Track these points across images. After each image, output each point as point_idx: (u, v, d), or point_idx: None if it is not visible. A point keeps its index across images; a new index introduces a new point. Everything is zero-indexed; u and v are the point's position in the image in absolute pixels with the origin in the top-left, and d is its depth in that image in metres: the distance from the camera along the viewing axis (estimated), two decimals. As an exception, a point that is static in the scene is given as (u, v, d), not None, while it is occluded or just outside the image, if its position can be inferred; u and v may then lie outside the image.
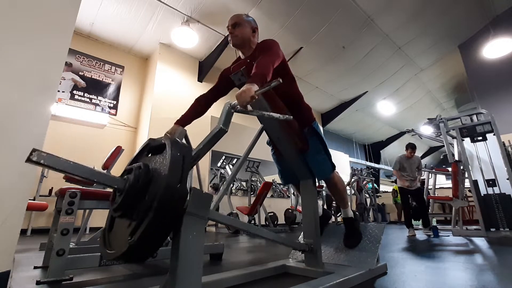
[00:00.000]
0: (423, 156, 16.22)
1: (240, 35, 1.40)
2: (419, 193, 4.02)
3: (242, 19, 1.42)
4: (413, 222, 4.04)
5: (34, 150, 0.65)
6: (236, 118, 1.09)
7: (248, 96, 0.97)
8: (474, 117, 4.19)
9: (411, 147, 4.05)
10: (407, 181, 3.98)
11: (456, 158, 4.29)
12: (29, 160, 0.64)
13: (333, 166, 1.53)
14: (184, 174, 0.79)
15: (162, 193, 0.72)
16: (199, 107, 1.46)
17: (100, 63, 6.12)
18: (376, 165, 12.75)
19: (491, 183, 3.78)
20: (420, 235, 3.74)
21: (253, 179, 6.29)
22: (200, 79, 6.86)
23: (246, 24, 1.42)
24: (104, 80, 6.10)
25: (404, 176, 4.01)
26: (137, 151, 1.02)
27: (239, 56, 1.51)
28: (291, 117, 1.03)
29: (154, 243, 0.75)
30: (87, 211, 2.97)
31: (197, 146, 1.05)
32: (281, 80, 0.99)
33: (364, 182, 7.29)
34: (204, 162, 5.99)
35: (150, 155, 0.98)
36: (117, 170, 4.32)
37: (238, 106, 1.00)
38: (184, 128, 1.40)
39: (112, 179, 0.82)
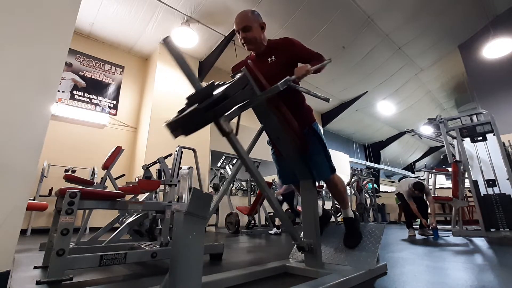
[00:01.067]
0: (423, 156, 16.24)
1: (254, 39, 1.43)
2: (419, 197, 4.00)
3: (250, 20, 1.42)
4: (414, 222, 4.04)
5: None
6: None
7: (304, 69, 1.25)
8: (474, 117, 4.19)
9: (419, 189, 3.86)
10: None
11: (456, 158, 4.29)
12: None
13: (333, 168, 1.52)
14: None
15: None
16: None
17: (100, 63, 6.12)
18: (376, 165, 12.76)
19: (491, 183, 3.78)
20: (419, 236, 3.74)
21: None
22: (200, 79, 6.85)
23: (255, 25, 1.43)
24: (104, 80, 6.10)
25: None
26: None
27: (251, 53, 1.53)
28: (329, 98, 1.22)
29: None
30: (87, 211, 2.98)
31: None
32: (331, 60, 1.29)
33: (364, 182, 7.28)
34: (204, 162, 5.99)
35: None
36: (117, 170, 4.32)
37: (293, 77, 1.20)
38: None
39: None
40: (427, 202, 3.92)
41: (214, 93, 0.96)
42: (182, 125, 0.94)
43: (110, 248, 2.04)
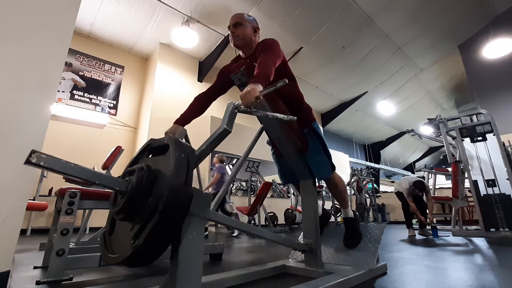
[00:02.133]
0: (423, 156, 16.24)
1: (242, 35, 1.38)
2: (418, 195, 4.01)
3: (243, 18, 1.41)
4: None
5: (33, 152, 0.62)
6: (236, 118, 1.10)
7: (253, 96, 0.97)
8: (474, 117, 4.19)
9: (419, 187, 3.86)
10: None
11: (456, 158, 4.29)
12: (28, 162, 0.61)
13: (333, 167, 1.53)
14: (188, 175, 0.77)
15: (168, 195, 0.71)
16: (199, 106, 1.45)
17: (100, 63, 6.12)
18: (376, 165, 12.76)
19: (491, 183, 3.78)
20: (420, 236, 3.74)
21: (253, 179, 6.28)
22: (200, 79, 6.87)
23: (248, 24, 1.40)
24: (104, 80, 6.10)
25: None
26: (137, 152, 0.99)
27: (239, 55, 1.50)
28: (295, 118, 1.03)
29: (159, 246, 0.73)
30: (87, 211, 2.97)
31: (199, 147, 1.03)
32: (287, 81, 0.99)
33: (364, 182, 7.28)
34: (204, 162, 5.99)
35: (151, 156, 0.95)
36: (117, 170, 4.32)
37: (242, 106, 1.00)
38: (184, 127, 1.40)
39: (114, 181, 0.79)
40: (426, 201, 3.92)
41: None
42: (133, 263, 0.74)
43: (110, 248, 2.04)
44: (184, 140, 1.02)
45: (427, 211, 3.88)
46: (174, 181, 0.73)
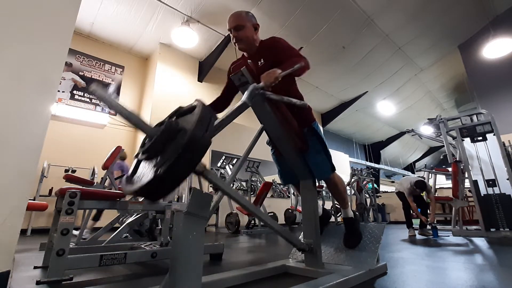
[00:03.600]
0: (423, 156, 16.24)
1: (245, 38, 1.39)
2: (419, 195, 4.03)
3: (243, 19, 1.40)
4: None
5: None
6: (237, 118, 1.10)
7: (272, 76, 1.08)
8: (474, 117, 4.19)
9: (421, 187, 3.87)
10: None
11: (456, 158, 4.29)
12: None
13: (333, 167, 1.52)
14: (210, 128, 0.84)
15: (190, 135, 0.77)
16: (217, 106, 1.50)
17: (100, 63, 6.12)
18: (376, 165, 12.76)
19: (491, 183, 3.78)
20: (420, 236, 3.74)
21: (253, 179, 6.28)
22: (200, 79, 6.87)
23: (248, 24, 1.41)
24: (104, 80, 6.10)
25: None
26: (166, 116, 1.07)
27: (243, 54, 1.51)
28: (306, 103, 1.14)
29: (177, 178, 0.78)
30: (87, 211, 2.97)
31: (220, 118, 1.08)
32: (303, 64, 1.14)
33: (364, 182, 7.28)
34: (204, 162, 5.99)
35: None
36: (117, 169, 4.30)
37: (262, 86, 1.09)
38: None
39: (147, 126, 0.88)
40: (427, 201, 3.92)
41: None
42: (151, 192, 0.80)
43: (110, 248, 2.04)
44: None
45: (429, 211, 3.88)
46: (197, 127, 0.80)
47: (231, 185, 6.41)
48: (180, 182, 0.80)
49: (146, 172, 0.84)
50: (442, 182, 9.85)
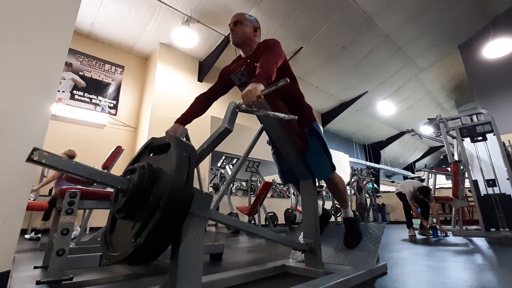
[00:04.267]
0: (423, 156, 16.24)
1: (241, 33, 1.38)
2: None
3: (244, 17, 1.41)
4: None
5: (35, 149, 0.62)
6: (237, 118, 1.10)
7: (254, 95, 0.97)
8: (474, 117, 4.19)
9: (424, 193, 3.89)
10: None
11: (456, 158, 4.29)
12: (30, 159, 0.62)
13: (333, 167, 1.53)
14: (190, 174, 0.77)
15: (169, 194, 0.71)
16: (200, 105, 1.46)
17: (100, 63, 6.12)
18: (376, 165, 12.75)
19: (491, 183, 3.78)
20: (420, 236, 3.74)
21: (253, 179, 6.28)
22: (200, 79, 6.86)
23: (248, 23, 1.41)
24: (104, 80, 6.10)
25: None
26: (138, 151, 0.99)
27: (240, 55, 1.50)
28: (296, 117, 1.02)
29: (161, 244, 0.74)
30: (87, 211, 2.97)
31: (201, 146, 1.03)
32: (288, 80, 0.99)
33: (364, 182, 7.28)
34: (204, 162, 5.99)
35: (152, 154, 0.95)
36: (117, 170, 4.32)
37: (243, 105, 1.00)
38: (185, 127, 1.40)
39: (115, 179, 0.79)
40: (430, 206, 3.93)
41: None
42: (133, 262, 0.74)
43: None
44: (185, 139, 1.03)
45: (430, 215, 3.89)
46: (175, 180, 0.73)
47: (231, 185, 6.45)
48: (164, 249, 0.74)
49: (125, 234, 0.78)
50: (442, 182, 9.85)
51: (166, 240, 0.75)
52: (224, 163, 6.28)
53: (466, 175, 4.02)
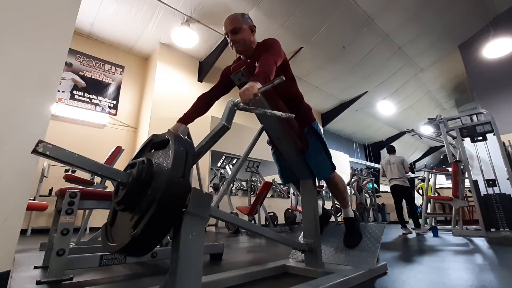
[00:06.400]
0: (423, 156, 16.23)
1: (242, 41, 1.37)
2: (408, 192, 4.10)
3: (239, 21, 1.38)
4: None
5: (40, 142, 0.65)
6: (236, 117, 1.10)
7: (251, 93, 0.98)
8: (474, 117, 4.19)
9: (389, 150, 4.17)
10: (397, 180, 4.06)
11: (456, 158, 4.29)
12: (35, 151, 0.64)
13: (333, 166, 1.53)
14: (186, 168, 0.79)
15: (165, 186, 0.73)
16: (202, 105, 1.47)
17: (100, 63, 6.12)
18: (376, 165, 12.74)
19: (491, 183, 3.78)
20: (418, 236, 3.74)
21: (253, 179, 6.28)
22: (200, 79, 6.86)
23: (245, 27, 1.39)
24: (104, 80, 6.10)
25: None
26: (140, 147, 1.02)
27: (239, 56, 1.50)
28: (293, 115, 1.04)
29: (157, 236, 0.76)
30: (87, 211, 2.97)
31: (199, 143, 1.05)
32: (284, 78, 1.00)
33: (364, 182, 7.28)
34: (204, 162, 5.99)
35: (153, 151, 0.98)
36: (117, 170, 4.31)
37: (241, 103, 1.02)
38: (187, 126, 1.41)
39: (115, 172, 0.82)
40: (416, 202, 4.02)
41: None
42: (131, 253, 0.77)
43: (110, 248, 2.04)
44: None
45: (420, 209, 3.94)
46: (172, 174, 0.75)
47: (231, 184, 6.44)
48: (160, 240, 0.77)
49: (124, 225, 0.81)
50: (442, 182, 9.85)
51: (162, 232, 0.77)
52: (224, 163, 6.27)
53: (466, 175, 4.02)
